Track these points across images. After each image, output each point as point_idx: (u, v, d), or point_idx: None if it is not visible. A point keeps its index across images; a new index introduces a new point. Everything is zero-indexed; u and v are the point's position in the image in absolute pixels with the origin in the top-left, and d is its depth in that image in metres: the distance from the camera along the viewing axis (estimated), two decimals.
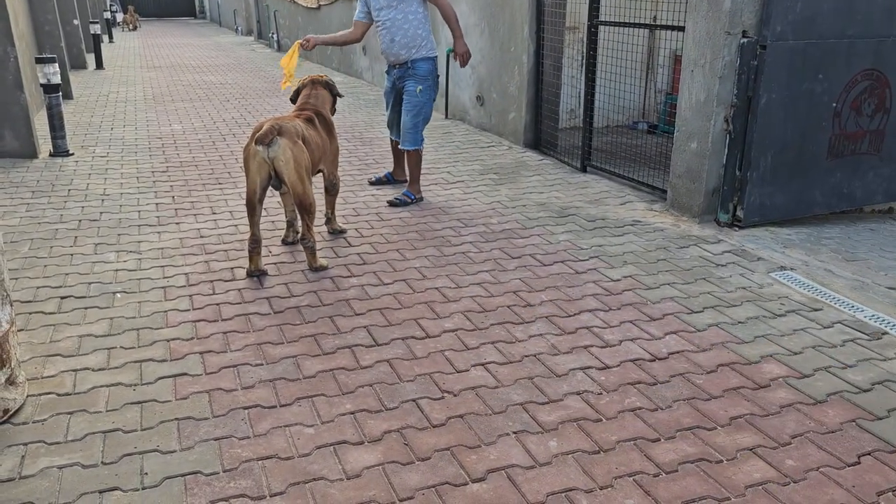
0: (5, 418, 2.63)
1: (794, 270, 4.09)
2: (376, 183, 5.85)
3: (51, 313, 3.51)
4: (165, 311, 3.54)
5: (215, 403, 2.76)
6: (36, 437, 2.55)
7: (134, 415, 2.69)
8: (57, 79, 6.70)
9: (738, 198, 4.74)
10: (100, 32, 14.03)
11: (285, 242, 4.48)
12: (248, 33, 22.35)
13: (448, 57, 8.14)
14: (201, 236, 4.61)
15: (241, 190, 5.59)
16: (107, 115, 8.77)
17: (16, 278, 3.89)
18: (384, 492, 2.29)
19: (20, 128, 6.52)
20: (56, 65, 6.68)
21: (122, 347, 3.19)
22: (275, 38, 17.64)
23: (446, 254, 4.33)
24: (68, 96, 9.68)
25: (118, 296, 3.72)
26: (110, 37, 19.77)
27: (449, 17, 5.18)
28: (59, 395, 2.81)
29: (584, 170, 6.21)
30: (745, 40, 4.46)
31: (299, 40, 5.14)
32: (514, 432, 2.60)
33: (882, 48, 4.83)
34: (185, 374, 2.97)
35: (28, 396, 2.78)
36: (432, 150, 6.86)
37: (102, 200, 5.36)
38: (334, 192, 4.60)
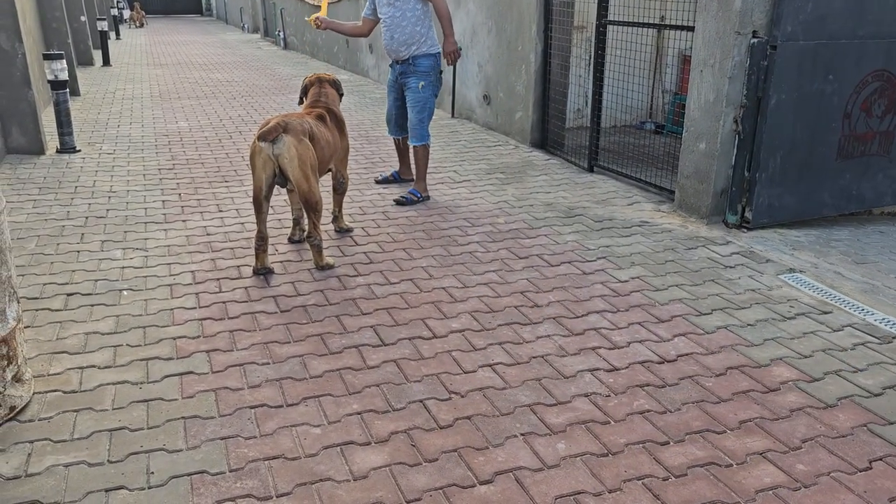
0: (12, 416, 2.62)
1: (803, 273, 4.07)
2: (383, 182, 5.84)
3: (57, 310, 3.51)
4: (172, 309, 3.54)
5: (222, 402, 2.76)
6: (42, 435, 2.54)
7: (140, 413, 2.68)
8: (64, 75, 6.71)
9: (747, 199, 4.71)
10: (107, 29, 14.07)
11: (291, 241, 4.47)
12: (254, 31, 22.38)
13: None
14: (208, 234, 4.60)
15: (247, 188, 5.58)
16: (114, 112, 8.78)
17: (22, 275, 3.89)
18: (391, 493, 2.28)
19: (27, 124, 6.52)
20: (63, 61, 6.69)
21: (128, 345, 3.18)
22: (281, 36, 17.64)
23: (453, 253, 4.31)
24: (75, 93, 9.70)
25: (124, 293, 3.71)
26: (117, 34, 19.82)
27: (442, 15, 5.20)
28: (65, 392, 2.80)
29: (590, 170, 6.19)
30: (756, 40, 4.43)
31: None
32: (521, 434, 2.58)
33: (893, 49, 4.79)
34: (191, 373, 2.96)
35: (34, 394, 2.78)
36: (439, 149, 6.85)
37: (109, 197, 5.36)
38: (342, 190, 4.59)
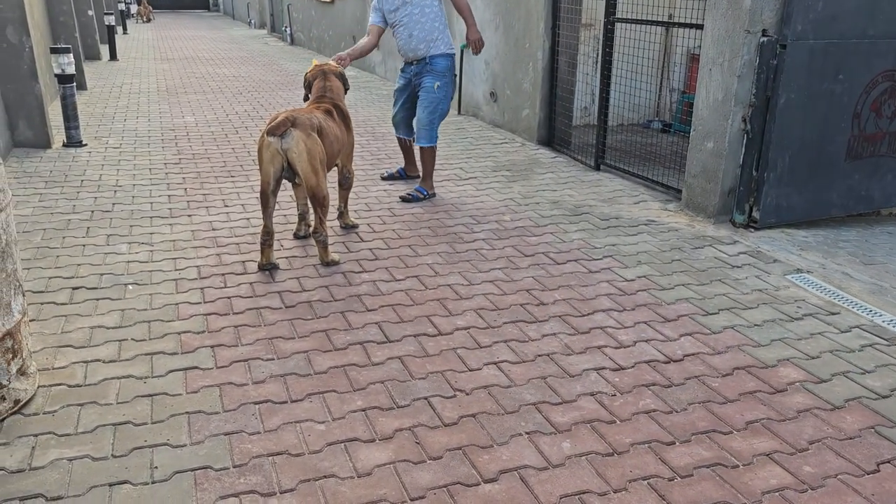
0: (16, 409, 2.62)
1: (810, 273, 4.04)
2: (389, 178, 5.83)
3: (62, 304, 3.51)
4: (177, 304, 3.53)
5: (226, 398, 2.75)
6: (46, 429, 2.54)
7: (144, 408, 2.67)
8: (71, 69, 6.72)
9: (755, 199, 4.68)
10: (114, 24, 14.08)
11: (297, 236, 4.47)
12: (261, 26, 22.37)
13: (462, 52, 8.10)
14: (213, 229, 4.59)
15: (252, 183, 5.57)
16: (120, 107, 8.78)
17: (28, 268, 3.89)
18: (395, 491, 2.27)
19: (34, 117, 6.53)
20: (70, 55, 6.69)
21: (133, 339, 3.18)
22: (288, 32, 17.63)
23: (459, 250, 4.30)
24: (82, 87, 9.70)
25: (130, 287, 3.71)
26: (124, 28, 19.83)
27: (462, 7, 5.31)
28: (69, 386, 2.80)
29: (597, 168, 6.16)
30: (765, 39, 4.40)
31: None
32: (526, 433, 2.57)
33: None
34: (195, 368, 2.96)
35: (39, 387, 2.77)
36: (445, 146, 6.83)
37: (115, 192, 5.36)
38: (348, 185, 4.58)
